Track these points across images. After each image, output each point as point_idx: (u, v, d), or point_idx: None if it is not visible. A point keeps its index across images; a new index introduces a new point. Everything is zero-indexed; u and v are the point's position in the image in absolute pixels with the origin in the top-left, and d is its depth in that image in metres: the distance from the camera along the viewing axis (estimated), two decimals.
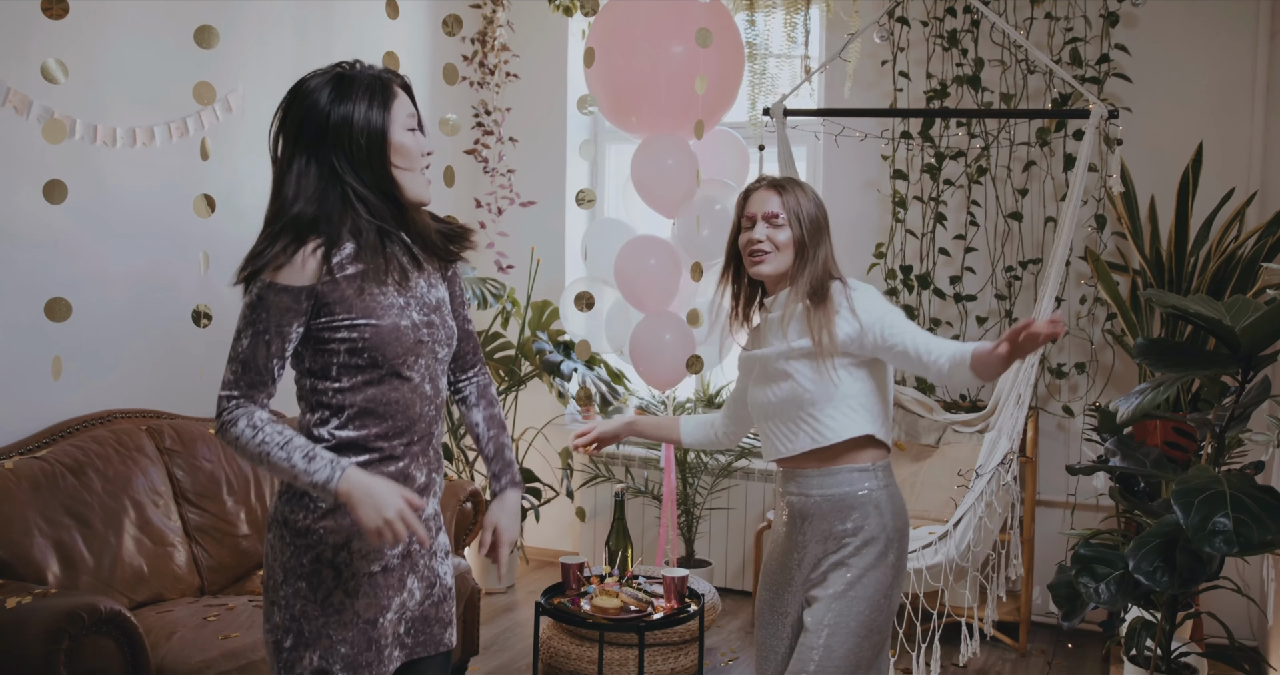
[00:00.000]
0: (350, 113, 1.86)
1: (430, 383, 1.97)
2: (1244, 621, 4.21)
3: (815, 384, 2.31)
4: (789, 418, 2.36)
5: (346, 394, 1.90)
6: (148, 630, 2.99)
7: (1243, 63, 4.28)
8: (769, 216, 2.37)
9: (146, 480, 3.45)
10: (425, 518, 2.03)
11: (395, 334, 1.89)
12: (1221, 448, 2.90)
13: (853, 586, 2.31)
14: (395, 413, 1.92)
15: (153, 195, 3.79)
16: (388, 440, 1.92)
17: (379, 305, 1.89)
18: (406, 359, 1.91)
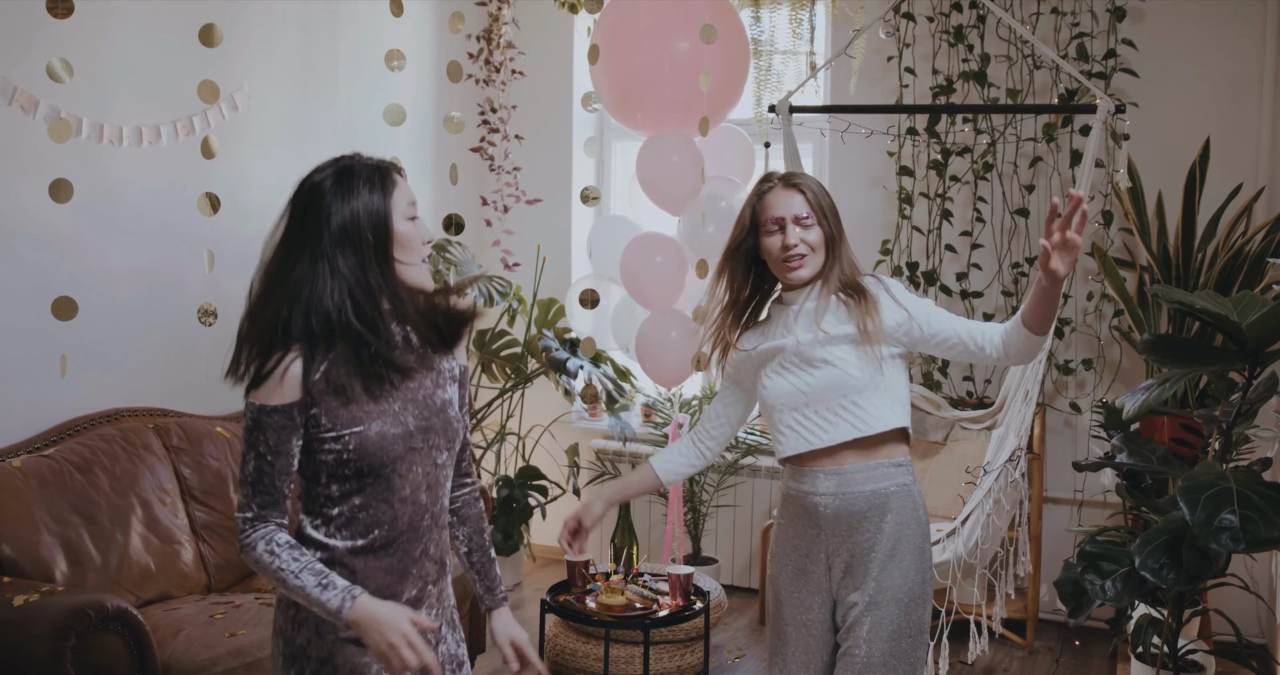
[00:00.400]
0: (355, 207, 1.83)
1: (427, 491, 1.89)
2: (1253, 619, 4.20)
3: (861, 371, 2.25)
4: (828, 406, 2.27)
5: (336, 502, 1.84)
6: (154, 628, 3.00)
7: (1251, 56, 4.26)
8: (799, 219, 2.30)
9: (153, 478, 3.46)
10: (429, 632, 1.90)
11: (381, 443, 1.81)
12: (1228, 444, 2.88)
13: (891, 586, 2.25)
14: (382, 523, 1.85)
15: (159, 194, 3.80)
16: (373, 552, 1.85)
17: (366, 413, 1.81)
18: (397, 468, 1.84)
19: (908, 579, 2.26)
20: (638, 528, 5.07)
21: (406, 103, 4.86)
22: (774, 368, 2.35)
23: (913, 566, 2.27)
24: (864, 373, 2.26)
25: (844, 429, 2.27)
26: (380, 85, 4.66)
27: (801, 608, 2.36)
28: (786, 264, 2.30)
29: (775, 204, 2.32)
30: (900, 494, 2.29)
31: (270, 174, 4.24)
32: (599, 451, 5.20)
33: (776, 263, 2.33)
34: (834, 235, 2.33)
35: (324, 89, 4.50)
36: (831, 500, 2.28)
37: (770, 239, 2.32)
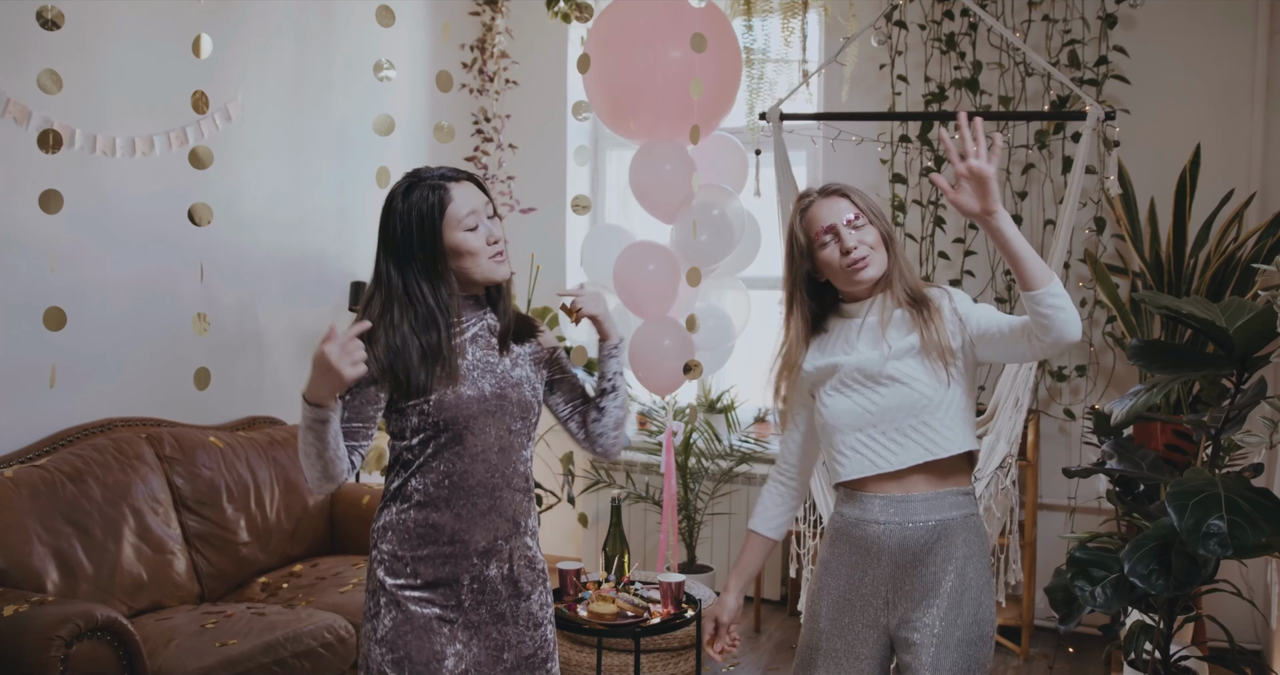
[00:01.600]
0: (409, 221, 2.05)
1: (499, 453, 2.10)
2: (1248, 625, 4.19)
3: (932, 389, 2.13)
4: (896, 427, 2.14)
5: (415, 451, 2.08)
6: (145, 637, 3.00)
7: (1242, 62, 4.27)
8: (850, 222, 2.18)
9: (146, 488, 3.46)
10: (488, 580, 2.11)
11: (458, 402, 2.04)
12: (1218, 450, 2.88)
13: (959, 625, 2.13)
14: (455, 473, 2.07)
15: (153, 204, 3.81)
16: (448, 501, 2.07)
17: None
18: (470, 426, 2.06)
19: (976, 617, 2.15)
20: (632, 536, 5.07)
21: (401, 113, 4.88)
22: (834, 385, 2.21)
23: (980, 603, 2.16)
24: (935, 391, 2.14)
25: (915, 451, 2.13)
26: (374, 95, 4.67)
27: (846, 640, 2.22)
28: (851, 268, 2.17)
29: (821, 215, 2.20)
30: (966, 525, 2.16)
31: (264, 184, 4.26)
32: (594, 460, 5.20)
33: (839, 273, 2.19)
34: (889, 234, 2.23)
35: (318, 99, 4.51)
36: (894, 529, 2.14)
37: (826, 252, 2.19)
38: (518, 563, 2.14)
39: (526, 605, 2.15)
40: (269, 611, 3.31)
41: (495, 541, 2.10)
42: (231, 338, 4.14)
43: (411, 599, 2.06)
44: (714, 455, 4.96)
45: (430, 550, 2.07)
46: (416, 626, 2.05)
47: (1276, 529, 2.43)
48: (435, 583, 2.07)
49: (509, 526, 2.12)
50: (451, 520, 2.06)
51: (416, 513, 2.06)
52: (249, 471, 3.82)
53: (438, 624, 2.06)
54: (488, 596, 2.10)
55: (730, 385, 5.20)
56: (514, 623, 2.14)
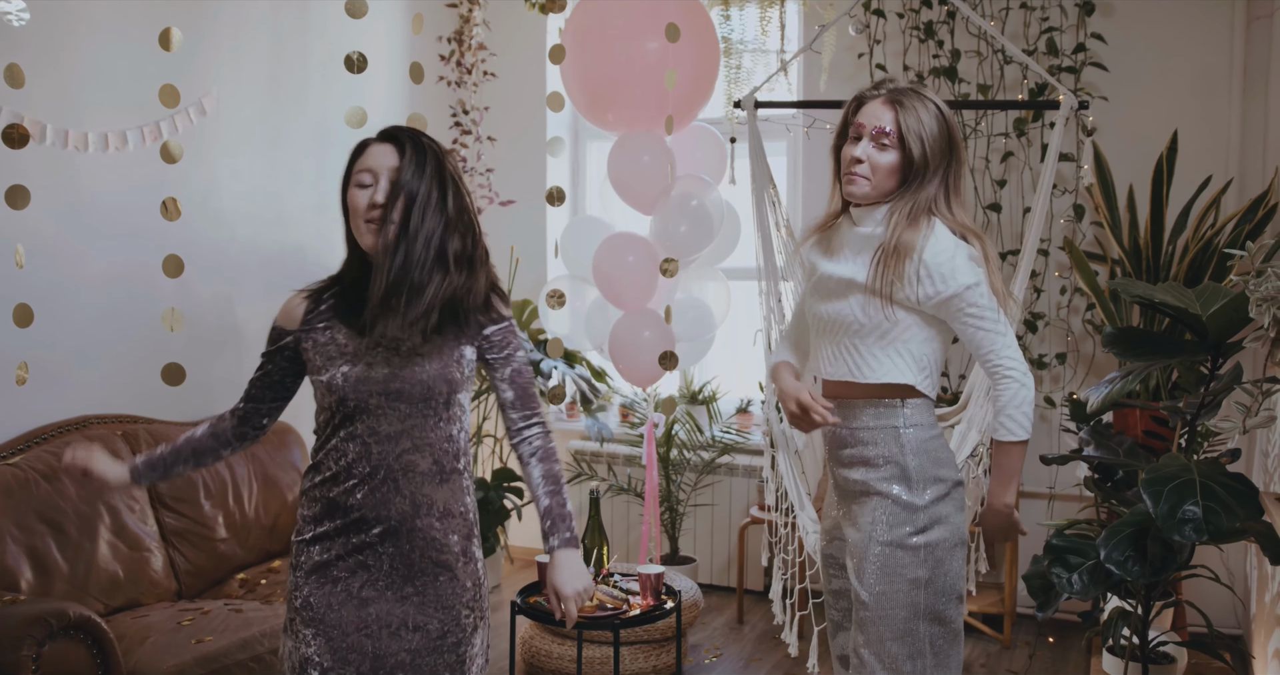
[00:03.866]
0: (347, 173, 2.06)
1: (397, 437, 2.02)
2: (1228, 610, 4.20)
3: (864, 315, 2.16)
4: (835, 341, 2.23)
5: (321, 426, 2.09)
6: (121, 635, 2.98)
7: (1219, 49, 4.27)
8: (878, 133, 2.14)
9: None
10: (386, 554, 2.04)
11: (346, 382, 2.01)
12: (1193, 436, 2.89)
13: (874, 536, 2.18)
14: (349, 453, 2.03)
15: (127, 199, 3.78)
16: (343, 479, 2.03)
17: (335, 355, 2.04)
18: (364, 407, 2.01)
19: (893, 539, 2.18)
20: (615, 528, 5.07)
21: (379, 106, 4.85)
22: (812, 285, 2.29)
23: (896, 521, 2.18)
24: (870, 318, 2.17)
25: (841, 368, 2.22)
26: (352, 89, 4.64)
27: (830, 538, 2.38)
28: (845, 178, 2.19)
29: (867, 111, 2.17)
30: (888, 435, 2.20)
31: (241, 179, 4.23)
32: (576, 453, 5.19)
33: (842, 174, 2.22)
34: (917, 166, 2.13)
35: (295, 93, 4.48)
36: (830, 428, 2.26)
37: (847, 148, 2.20)
38: (418, 544, 2.04)
39: (435, 587, 2.05)
40: (246, 608, 3.30)
41: (391, 522, 2.02)
42: (210, 333, 4.11)
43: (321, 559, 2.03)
44: (696, 446, 4.95)
45: (329, 526, 2.03)
46: (326, 579, 2.03)
47: (1251, 514, 2.44)
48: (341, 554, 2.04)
49: (409, 507, 2.02)
50: (347, 498, 2.01)
51: (321, 488, 2.04)
52: (227, 468, 3.80)
53: (348, 577, 2.02)
54: (387, 573, 2.03)
55: (712, 376, 5.19)
56: (417, 602, 2.04)
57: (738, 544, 4.71)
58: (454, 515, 2.06)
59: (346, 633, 2.00)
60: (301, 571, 2.05)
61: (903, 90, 2.17)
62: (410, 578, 2.02)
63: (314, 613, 2.01)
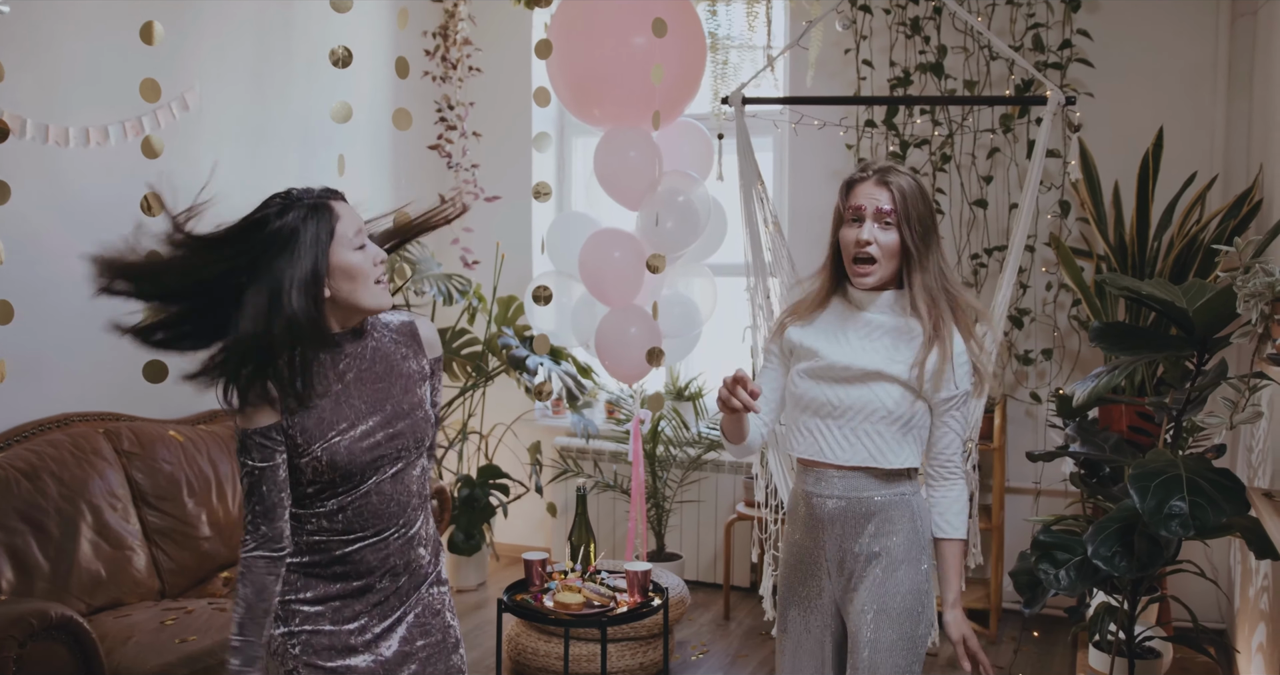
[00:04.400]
0: (298, 236, 1.91)
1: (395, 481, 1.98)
2: (1212, 605, 4.22)
3: (895, 403, 2.18)
4: (853, 427, 2.21)
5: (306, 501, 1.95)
6: (103, 635, 2.95)
7: (1205, 46, 4.27)
8: (879, 213, 2.16)
9: (104, 483, 3.41)
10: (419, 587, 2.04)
11: (350, 453, 1.92)
12: (1179, 431, 2.89)
13: (887, 594, 2.20)
14: (349, 508, 1.95)
15: (109, 195, 3.74)
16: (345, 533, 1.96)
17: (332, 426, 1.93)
18: (365, 470, 1.94)
19: (910, 589, 2.21)
20: (601, 525, 5.05)
21: (363, 101, 4.82)
22: (810, 369, 2.25)
23: (908, 576, 2.22)
24: (900, 409, 2.19)
25: (860, 454, 2.21)
26: (336, 84, 4.61)
27: (804, 608, 2.32)
28: (855, 264, 2.20)
29: (861, 194, 2.19)
30: (904, 503, 2.23)
31: (224, 174, 4.18)
32: (562, 449, 5.18)
33: (848, 258, 2.21)
34: (915, 245, 2.17)
35: (279, 88, 4.45)
36: (839, 502, 2.24)
37: (848, 230, 2.20)
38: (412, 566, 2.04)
39: (426, 596, 2.07)
40: (230, 607, 3.27)
41: (388, 559, 1.99)
42: None
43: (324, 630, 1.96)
44: (682, 443, 4.94)
45: (337, 587, 1.97)
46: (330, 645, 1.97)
47: (1237, 509, 2.44)
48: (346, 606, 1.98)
49: (418, 543, 2.04)
50: (351, 551, 1.95)
51: (311, 556, 1.95)
52: (210, 465, 3.77)
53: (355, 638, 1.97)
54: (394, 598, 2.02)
55: (698, 372, 5.18)
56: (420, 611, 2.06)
57: (724, 540, 4.71)
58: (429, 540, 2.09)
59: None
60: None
61: (889, 169, 2.21)
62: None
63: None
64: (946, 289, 2.21)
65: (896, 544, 2.22)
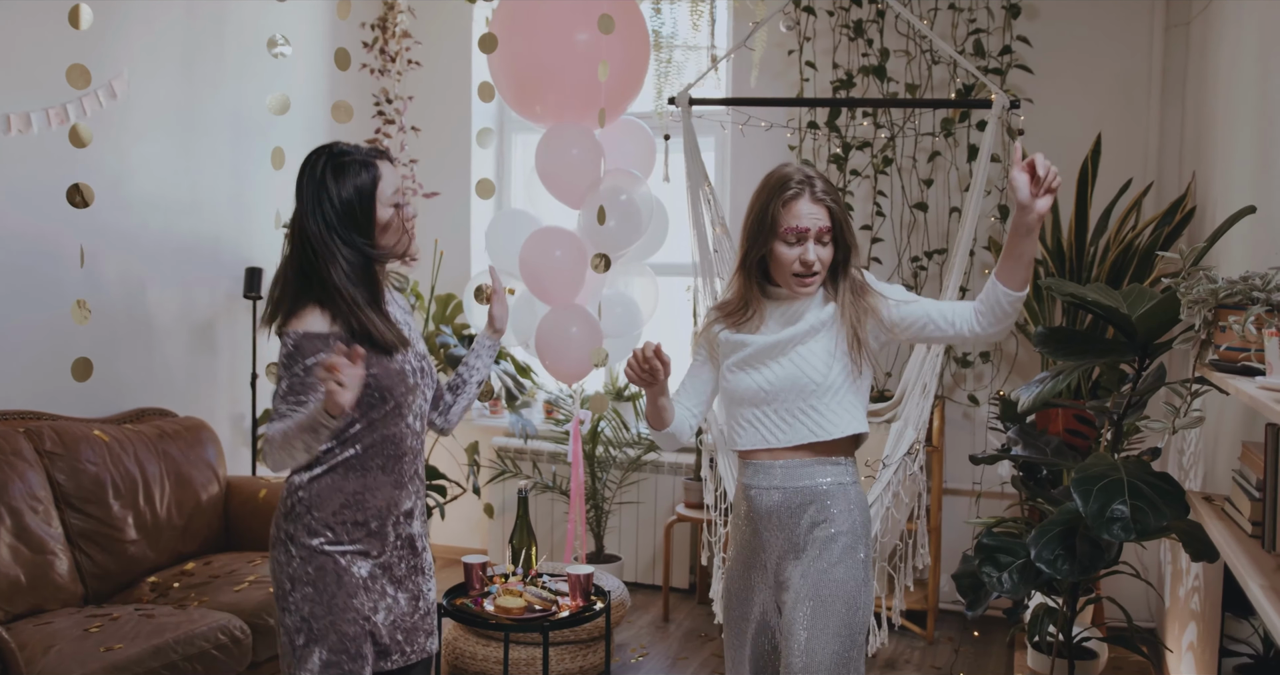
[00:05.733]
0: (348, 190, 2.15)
1: (420, 419, 2.30)
2: (1142, 604, 4.30)
3: (820, 374, 2.24)
4: (787, 407, 2.26)
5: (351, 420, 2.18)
6: (23, 644, 2.83)
7: (1140, 55, 4.35)
8: (822, 233, 2.25)
9: (24, 485, 3.27)
10: (411, 537, 2.29)
11: (400, 376, 2.20)
12: (1120, 435, 2.92)
13: (825, 582, 2.21)
14: (390, 440, 2.22)
15: (32, 185, 3.60)
16: (382, 467, 2.22)
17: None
18: (408, 395, 2.22)
19: (840, 578, 2.22)
20: (539, 526, 5.00)
21: (298, 92, 4.71)
22: (739, 361, 2.31)
23: (843, 565, 2.23)
24: (824, 377, 2.24)
25: (801, 432, 2.26)
26: (270, 74, 4.50)
27: (747, 604, 2.35)
28: (800, 280, 2.26)
29: (801, 212, 2.23)
30: (840, 491, 2.27)
31: (153, 164, 4.06)
32: (500, 449, 5.11)
33: (787, 275, 2.27)
34: (849, 249, 2.30)
35: (211, 76, 4.32)
36: (776, 492, 2.28)
37: (788, 250, 2.25)
38: (419, 520, 2.32)
39: (427, 556, 2.35)
40: (158, 613, 3.16)
41: (415, 501, 2.28)
42: (119, 325, 3.95)
43: (343, 557, 2.17)
44: (622, 444, 4.91)
45: (361, 515, 2.19)
46: (345, 586, 2.16)
47: (1177, 513, 2.47)
48: (366, 542, 2.20)
49: (422, 486, 2.32)
50: (385, 484, 2.20)
51: (348, 479, 2.18)
52: (137, 466, 3.64)
53: (370, 581, 2.19)
54: (406, 552, 2.27)
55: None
56: (423, 574, 2.32)
57: (663, 542, 4.68)
58: None
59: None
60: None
61: (815, 179, 2.26)
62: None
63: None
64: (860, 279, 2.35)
65: (834, 534, 2.24)
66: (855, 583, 2.24)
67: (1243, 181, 3.14)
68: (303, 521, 2.17)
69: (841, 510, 2.26)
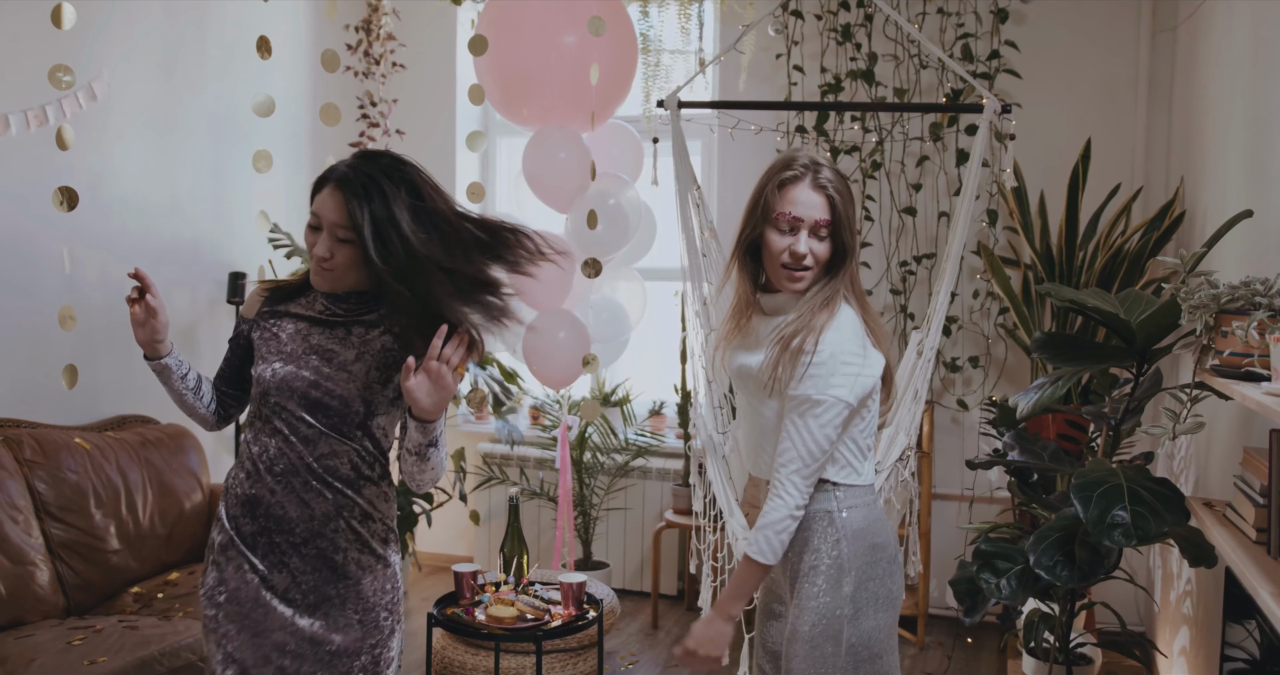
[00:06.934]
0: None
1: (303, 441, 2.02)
2: (1132, 608, 4.29)
3: (763, 410, 2.10)
4: (756, 439, 2.16)
5: (249, 416, 2.10)
6: (3, 658, 2.77)
7: (1126, 59, 4.36)
8: (819, 226, 2.06)
9: (3, 494, 3.20)
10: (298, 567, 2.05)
11: (271, 377, 2.03)
12: (1117, 440, 2.92)
13: (798, 622, 2.08)
14: (268, 450, 2.04)
15: (9, 187, 3.53)
16: (261, 476, 2.03)
17: (275, 350, 2.06)
18: (280, 405, 2.03)
19: (811, 618, 2.07)
20: (527, 532, 4.95)
21: (280, 94, 4.66)
22: (739, 381, 2.19)
23: (817, 599, 2.08)
24: (764, 412, 2.10)
25: (762, 465, 2.16)
26: (252, 75, 4.44)
27: (761, 623, 2.28)
28: (789, 272, 2.07)
29: (798, 201, 2.06)
30: (820, 516, 2.09)
31: (133, 167, 4.00)
32: (486, 455, 5.06)
33: (776, 266, 2.10)
34: (846, 250, 2.07)
35: (192, 78, 4.26)
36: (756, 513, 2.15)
37: (779, 238, 2.08)
38: (340, 545, 2.04)
39: (356, 589, 2.05)
40: (142, 624, 3.10)
41: (313, 522, 2.02)
42: (98, 331, 3.88)
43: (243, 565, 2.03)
44: (609, 450, 4.87)
45: (251, 525, 2.03)
46: (247, 594, 2.02)
47: (1178, 519, 2.46)
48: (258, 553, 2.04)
49: (330, 509, 2.02)
50: (266, 495, 2.02)
51: (243, 483, 2.05)
52: (119, 474, 3.57)
53: (267, 594, 2.02)
54: (308, 575, 2.02)
55: (625, 378, 5.11)
56: (338, 603, 2.04)
57: (652, 548, 4.65)
58: (374, 519, 2.07)
59: (270, 631, 2.00)
60: (223, 569, 2.03)
61: (820, 167, 2.08)
62: (333, 580, 2.03)
63: (241, 607, 2.00)
64: (847, 293, 2.10)
65: (814, 563, 2.09)
66: (832, 618, 2.06)
67: (1235, 186, 3.14)
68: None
69: (823, 538, 2.08)
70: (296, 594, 2.01)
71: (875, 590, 2.11)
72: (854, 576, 2.09)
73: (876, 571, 2.12)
